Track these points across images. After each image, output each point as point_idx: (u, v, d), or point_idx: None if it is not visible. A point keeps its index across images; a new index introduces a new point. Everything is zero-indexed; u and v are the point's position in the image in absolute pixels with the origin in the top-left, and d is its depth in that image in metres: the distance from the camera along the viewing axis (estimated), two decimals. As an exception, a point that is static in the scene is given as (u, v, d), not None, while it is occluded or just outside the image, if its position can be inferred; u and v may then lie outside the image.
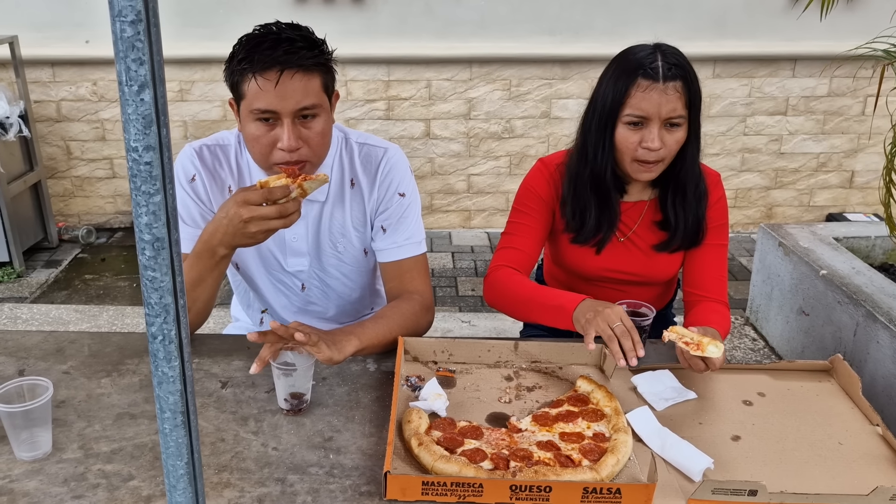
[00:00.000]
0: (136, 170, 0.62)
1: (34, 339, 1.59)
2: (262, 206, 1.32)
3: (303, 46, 1.40)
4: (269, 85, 1.38)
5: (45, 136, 4.34)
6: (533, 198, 1.73)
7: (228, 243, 1.38)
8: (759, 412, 1.40)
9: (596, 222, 1.69)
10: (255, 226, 1.33)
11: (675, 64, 1.54)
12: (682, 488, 1.18)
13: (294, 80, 1.39)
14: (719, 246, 1.74)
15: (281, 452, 1.24)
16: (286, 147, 1.42)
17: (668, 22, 4.22)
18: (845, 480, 1.22)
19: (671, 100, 1.53)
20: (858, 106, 4.51)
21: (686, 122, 1.58)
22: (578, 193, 1.69)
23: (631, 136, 1.57)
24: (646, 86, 1.53)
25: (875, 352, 2.39)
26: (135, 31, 0.59)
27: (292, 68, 1.38)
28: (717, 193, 1.73)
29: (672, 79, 1.53)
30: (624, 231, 1.74)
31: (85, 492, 1.15)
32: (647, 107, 1.54)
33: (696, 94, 1.58)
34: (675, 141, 1.58)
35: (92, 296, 3.71)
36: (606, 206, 1.68)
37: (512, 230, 1.76)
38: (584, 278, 1.81)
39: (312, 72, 1.41)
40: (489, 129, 4.48)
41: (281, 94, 1.39)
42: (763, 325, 3.30)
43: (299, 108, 1.41)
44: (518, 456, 1.22)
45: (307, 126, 1.44)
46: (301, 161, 1.45)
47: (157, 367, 0.70)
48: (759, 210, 4.75)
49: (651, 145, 1.55)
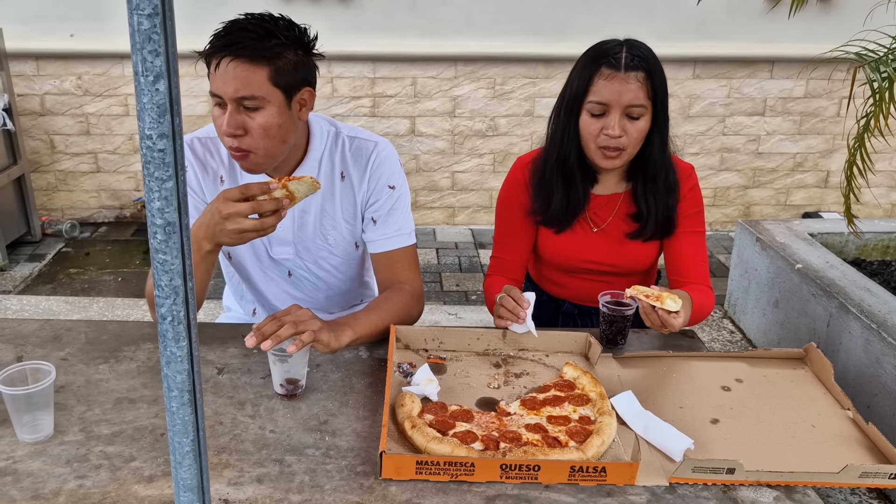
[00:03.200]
0: (150, 157, 0.65)
1: (31, 327, 1.62)
2: (237, 202, 1.34)
3: (252, 36, 1.41)
4: (217, 70, 1.43)
5: (28, 130, 4.32)
6: (511, 206, 1.83)
7: (211, 238, 1.40)
8: (737, 397, 1.46)
9: (561, 206, 1.76)
10: (232, 223, 1.34)
11: (638, 56, 1.62)
12: (663, 467, 1.23)
13: (234, 69, 1.41)
14: (696, 233, 1.80)
15: (278, 435, 1.28)
16: (223, 131, 1.46)
17: (650, 22, 4.30)
18: (818, 460, 1.28)
19: (632, 89, 1.60)
20: (834, 107, 4.61)
21: (648, 112, 1.64)
22: (546, 178, 1.77)
23: (593, 123, 1.65)
24: (608, 74, 1.61)
25: (847, 341, 2.47)
26: (151, 23, 0.61)
27: (232, 56, 1.41)
28: (689, 184, 1.79)
29: (634, 69, 1.60)
30: (598, 222, 1.80)
31: (88, 472, 1.18)
32: (607, 94, 1.61)
33: (660, 87, 1.64)
34: (637, 130, 1.64)
35: (77, 290, 3.71)
36: (572, 190, 1.75)
37: (499, 238, 1.87)
38: (565, 270, 1.87)
39: (257, 63, 1.42)
40: (473, 127, 4.53)
41: (223, 79, 1.43)
42: (740, 318, 3.38)
43: (238, 97, 1.43)
44: (507, 437, 1.27)
45: (250, 116, 1.46)
46: (243, 150, 1.48)
47: (166, 346, 0.72)
48: (737, 209, 4.84)
49: (611, 132, 1.62)
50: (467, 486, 1.17)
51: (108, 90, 4.31)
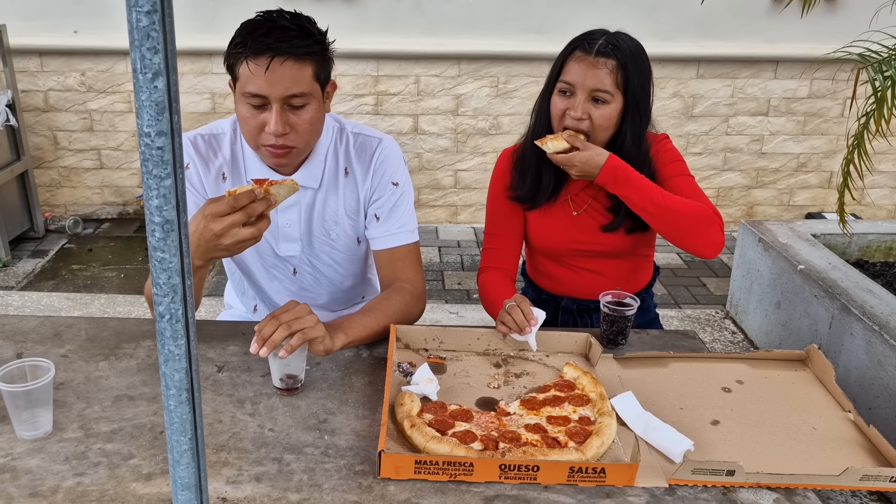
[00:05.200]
0: (148, 154, 0.65)
1: (31, 324, 1.62)
2: (229, 214, 1.30)
3: (296, 35, 1.42)
4: (259, 70, 1.42)
5: (32, 126, 4.32)
6: (498, 193, 1.85)
7: (202, 256, 1.36)
8: (738, 398, 1.46)
9: (532, 184, 1.79)
10: (228, 238, 1.31)
11: (613, 45, 1.63)
12: (663, 469, 1.23)
13: (284, 67, 1.42)
14: (684, 175, 1.75)
15: (277, 433, 1.28)
16: (272, 131, 1.46)
17: (654, 21, 4.28)
18: (818, 462, 1.28)
19: (599, 74, 1.62)
20: (838, 108, 4.60)
21: (616, 101, 1.65)
22: (523, 156, 1.81)
23: (560, 102, 1.69)
24: (578, 56, 1.65)
25: (849, 343, 2.46)
26: (150, 20, 0.61)
27: (283, 55, 1.41)
28: (658, 147, 1.76)
29: (605, 55, 1.62)
30: (577, 206, 1.81)
31: (86, 469, 1.18)
32: (574, 76, 1.65)
33: (635, 78, 1.64)
34: (602, 116, 1.65)
35: (79, 286, 3.71)
36: (544, 170, 1.77)
37: (490, 229, 1.88)
38: (554, 257, 1.88)
39: (304, 60, 1.44)
40: (476, 126, 4.52)
41: (270, 80, 1.42)
42: (742, 319, 3.38)
43: (288, 95, 1.44)
44: (507, 437, 1.26)
45: (295, 113, 1.48)
46: (287, 146, 1.49)
47: (164, 345, 0.72)
48: (740, 209, 4.83)
49: (573, 113, 1.65)
50: (466, 486, 1.17)
51: (111, 87, 4.31)
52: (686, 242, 1.65)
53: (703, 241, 1.65)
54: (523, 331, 1.52)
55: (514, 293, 1.71)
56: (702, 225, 1.63)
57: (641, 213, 1.66)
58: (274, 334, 1.32)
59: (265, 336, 1.33)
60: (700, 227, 1.64)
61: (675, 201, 1.64)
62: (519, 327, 1.52)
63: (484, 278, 1.84)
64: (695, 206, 1.64)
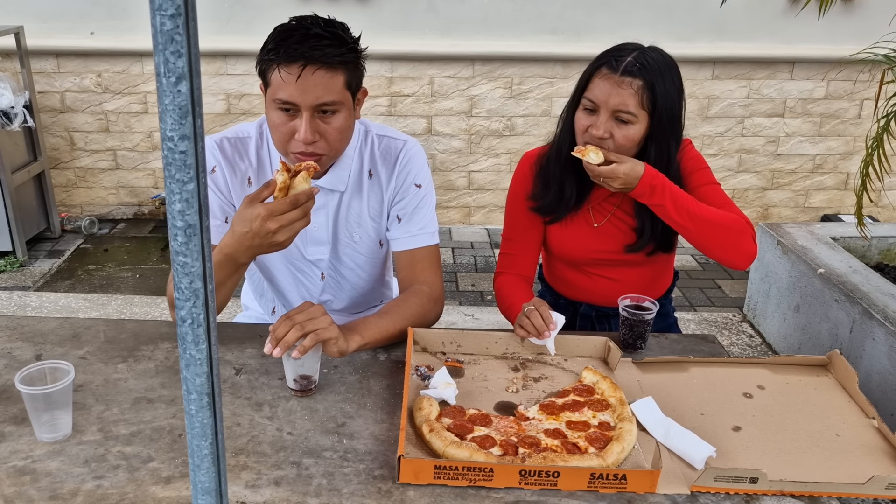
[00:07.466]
0: (171, 158, 0.64)
1: (50, 325, 1.62)
2: (287, 213, 1.31)
3: (329, 43, 1.41)
4: (291, 77, 1.41)
5: (48, 127, 4.35)
6: (518, 199, 1.83)
7: (254, 254, 1.39)
8: (759, 404, 1.44)
9: (555, 196, 1.76)
10: (283, 234, 1.32)
11: (642, 64, 1.58)
12: (685, 475, 1.22)
13: (316, 76, 1.41)
14: (711, 184, 1.72)
15: (296, 437, 1.28)
16: (302, 139, 1.45)
17: (669, 22, 4.26)
18: (842, 470, 1.26)
19: (623, 94, 1.58)
20: (855, 109, 4.55)
21: (641, 122, 1.61)
22: (546, 167, 1.79)
23: (583, 119, 1.65)
24: (604, 74, 1.61)
25: (870, 348, 2.43)
26: (174, 24, 0.61)
27: (315, 64, 1.40)
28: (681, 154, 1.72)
29: (631, 75, 1.58)
30: (598, 218, 1.79)
31: (106, 472, 1.18)
32: (597, 93, 1.61)
33: (663, 99, 1.59)
34: (625, 136, 1.61)
35: (95, 286, 3.73)
36: (567, 183, 1.75)
37: (508, 234, 1.86)
38: (573, 265, 1.86)
39: (336, 69, 1.43)
40: (490, 127, 4.51)
41: (302, 88, 1.41)
42: (760, 323, 3.35)
43: (319, 104, 1.43)
44: (526, 443, 1.25)
45: (326, 121, 1.47)
46: (317, 154, 1.49)
47: (185, 349, 0.72)
48: (756, 210, 4.79)
49: (595, 132, 1.62)
50: (486, 491, 1.16)
51: (127, 88, 4.33)
52: (720, 254, 1.64)
53: (737, 252, 1.63)
54: (542, 335, 1.50)
55: (531, 297, 1.70)
56: (736, 236, 1.62)
57: (676, 226, 1.63)
58: (287, 335, 1.32)
59: (279, 336, 1.33)
60: (735, 238, 1.62)
61: (711, 213, 1.61)
62: (538, 331, 1.51)
63: (500, 282, 1.83)
64: (730, 218, 1.62)
